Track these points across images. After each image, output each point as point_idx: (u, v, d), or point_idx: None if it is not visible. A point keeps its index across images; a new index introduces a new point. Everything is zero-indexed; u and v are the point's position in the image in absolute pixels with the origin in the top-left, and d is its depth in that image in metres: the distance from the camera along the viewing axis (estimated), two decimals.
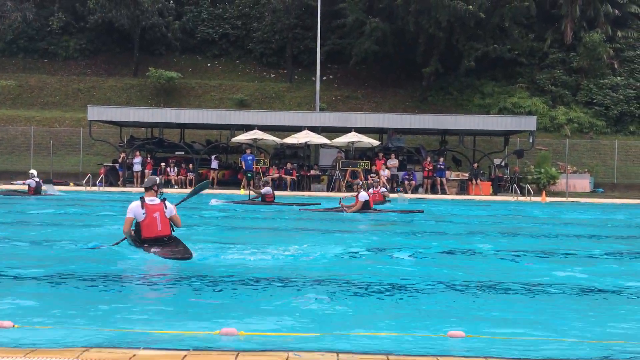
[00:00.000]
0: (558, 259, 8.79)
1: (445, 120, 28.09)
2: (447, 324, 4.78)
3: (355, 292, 6.09)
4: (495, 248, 9.67)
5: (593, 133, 34.55)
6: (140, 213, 7.86)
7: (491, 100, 36.28)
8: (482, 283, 6.65)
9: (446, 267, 7.71)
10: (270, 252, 8.36)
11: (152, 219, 7.87)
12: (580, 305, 5.86)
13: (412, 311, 5.42)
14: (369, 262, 8.07)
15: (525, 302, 5.84)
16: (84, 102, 35.29)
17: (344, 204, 15.95)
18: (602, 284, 6.72)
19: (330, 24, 37.98)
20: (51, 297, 5.67)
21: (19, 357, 3.60)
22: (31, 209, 15.84)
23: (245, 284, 6.39)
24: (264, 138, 26.50)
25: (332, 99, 37.89)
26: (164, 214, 7.98)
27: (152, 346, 3.99)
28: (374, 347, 4.14)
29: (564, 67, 37.48)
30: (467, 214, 17.39)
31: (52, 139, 30.13)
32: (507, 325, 4.89)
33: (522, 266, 8.12)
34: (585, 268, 7.75)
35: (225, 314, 5.06)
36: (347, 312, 5.25)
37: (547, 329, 4.78)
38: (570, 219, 16.40)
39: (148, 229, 7.88)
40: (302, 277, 6.76)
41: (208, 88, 38.75)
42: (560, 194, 26.54)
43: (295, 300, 5.68)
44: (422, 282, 6.64)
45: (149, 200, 7.95)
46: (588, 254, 9.33)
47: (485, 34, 35.51)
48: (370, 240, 10.68)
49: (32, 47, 41.35)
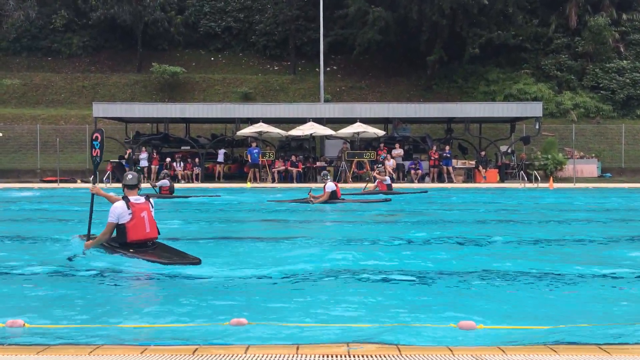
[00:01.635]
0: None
1: (451, 108, 27.98)
2: (458, 313, 4.78)
3: (364, 284, 6.09)
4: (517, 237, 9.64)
5: (600, 118, 34.34)
6: (127, 214, 7.07)
7: (496, 87, 36.10)
8: (497, 271, 6.64)
9: (457, 256, 7.70)
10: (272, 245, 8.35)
11: (140, 220, 7.12)
12: (594, 290, 5.84)
13: (422, 301, 5.41)
14: (372, 251, 8.06)
15: (537, 290, 5.83)
16: (89, 99, 35.37)
17: (312, 194, 16.00)
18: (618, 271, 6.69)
19: (333, 15, 37.82)
20: (61, 295, 5.70)
21: (31, 355, 3.62)
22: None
23: (253, 277, 6.40)
24: (269, 131, 26.48)
25: (336, 90, 37.80)
26: (152, 214, 7.28)
27: (162, 342, 4.01)
28: (385, 338, 4.14)
29: (569, 52, 37.22)
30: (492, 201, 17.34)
31: (58, 137, 30.21)
32: (518, 314, 4.88)
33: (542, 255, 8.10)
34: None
35: (234, 306, 5.07)
36: (355, 303, 5.25)
37: (560, 315, 4.77)
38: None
39: (135, 231, 7.10)
40: (309, 269, 6.76)
41: (212, 82, 38.72)
42: (568, 180, 26.43)
43: (305, 292, 5.68)
44: (434, 271, 6.63)
45: (134, 199, 7.22)
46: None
47: (489, 20, 35.26)
48: (373, 230, 10.67)
49: (36, 46, 41.41)
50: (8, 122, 33.97)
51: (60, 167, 28.03)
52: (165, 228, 8.72)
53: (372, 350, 3.72)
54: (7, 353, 3.66)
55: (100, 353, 3.67)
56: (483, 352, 3.65)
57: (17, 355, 3.61)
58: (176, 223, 11.50)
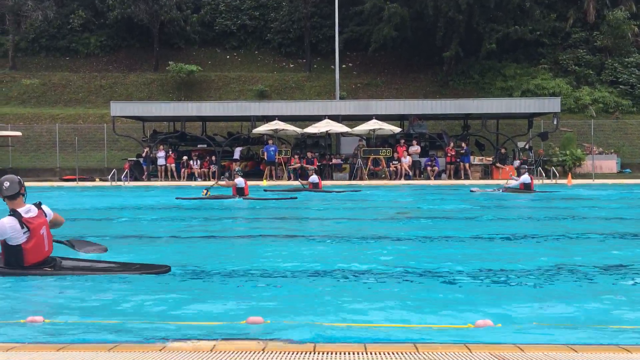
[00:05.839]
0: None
1: (467, 104, 27.79)
2: (474, 312, 4.75)
3: (379, 282, 6.07)
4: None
5: (619, 113, 33.90)
6: (21, 233, 5.68)
7: (513, 83, 35.77)
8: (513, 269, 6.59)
9: (479, 254, 7.65)
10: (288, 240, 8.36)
11: (39, 238, 5.81)
12: (616, 289, 5.77)
13: (438, 300, 5.39)
14: (385, 249, 8.03)
15: (558, 287, 5.78)
16: (107, 98, 35.68)
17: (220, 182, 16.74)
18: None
19: (348, 11, 37.73)
20: (79, 292, 5.75)
21: (52, 352, 3.66)
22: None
23: (267, 274, 6.41)
24: (285, 128, 26.52)
25: (351, 87, 37.73)
26: (49, 227, 6.00)
27: (180, 338, 4.03)
28: (401, 337, 4.12)
29: (588, 47, 36.77)
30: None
31: (76, 136, 30.53)
32: (537, 312, 4.84)
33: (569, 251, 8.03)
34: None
35: (250, 304, 5.08)
36: (371, 301, 5.23)
37: (581, 314, 4.72)
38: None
39: (35, 253, 5.80)
40: (324, 266, 6.76)
41: (228, 80, 38.84)
42: (587, 176, 26.15)
43: (320, 290, 5.68)
44: (450, 268, 6.59)
45: (25, 212, 5.76)
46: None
47: (505, 15, 34.92)
48: (381, 227, 10.64)
49: (54, 46, 41.83)
50: (27, 122, 34.39)
51: (79, 166, 28.33)
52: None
53: (389, 348, 3.71)
54: (28, 350, 3.70)
55: (120, 350, 3.70)
56: (501, 350, 3.62)
57: (37, 352, 3.65)
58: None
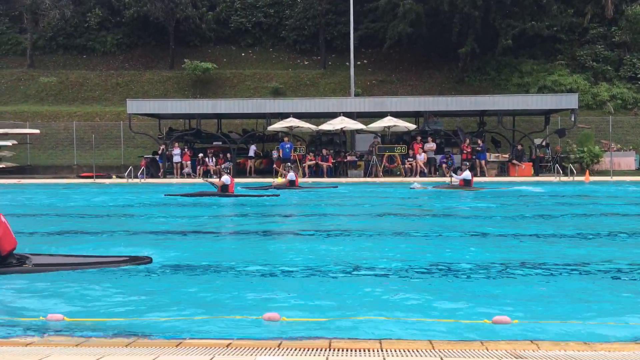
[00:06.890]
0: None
1: (483, 101, 27.59)
2: (492, 308, 4.73)
3: (396, 279, 6.07)
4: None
5: (637, 109, 33.48)
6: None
7: (530, 79, 35.45)
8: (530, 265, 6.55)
9: (498, 251, 7.62)
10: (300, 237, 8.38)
11: (4, 226, 6.04)
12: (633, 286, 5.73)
13: (456, 296, 5.37)
14: (400, 246, 8.02)
15: (573, 284, 5.74)
16: (123, 96, 35.93)
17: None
18: None
19: (363, 8, 37.62)
20: (97, 290, 5.81)
21: (71, 346, 3.72)
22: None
23: (283, 272, 6.44)
24: (300, 125, 26.53)
25: (366, 83, 37.64)
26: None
27: (197, 335, 4.07)
28: (417, 333, 4.13)
29: (605, 42, 36.34)
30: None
31: (93, 133, 30.81)
32: (554, 309, 4.81)
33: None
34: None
35: (267, 300, 5.11)
36: (387, 298, 5.24)
37: (596, 310, 4.69)
38: None
39: (6, 240, 6.04)
40: (340, 263, 6.77)
41: (243, 77, 38.94)
42: (605, 173, 25.88)
43: (336, 287, 5.70)
44: (468, 266, 6.57)
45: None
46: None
47: (522, 10, 34.59)
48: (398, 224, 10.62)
49: (71, 44, 42.21)
50: (45, 120, 34.77)
51: (96, 163, 28.59)
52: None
53: (404, 345, 3.71)
54: (48, 345, 3.76)
55: (137, 345, 3.75)
56: (517, 347, 3.62)
57: (57, 347, 3.70)
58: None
